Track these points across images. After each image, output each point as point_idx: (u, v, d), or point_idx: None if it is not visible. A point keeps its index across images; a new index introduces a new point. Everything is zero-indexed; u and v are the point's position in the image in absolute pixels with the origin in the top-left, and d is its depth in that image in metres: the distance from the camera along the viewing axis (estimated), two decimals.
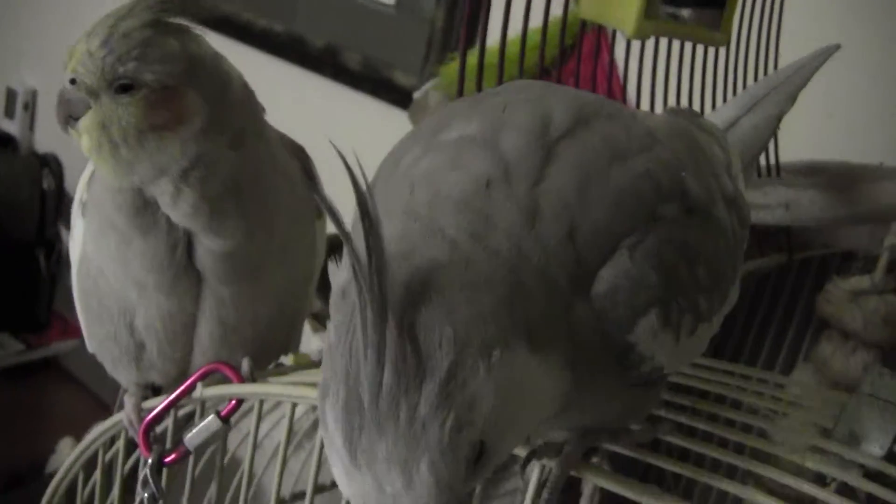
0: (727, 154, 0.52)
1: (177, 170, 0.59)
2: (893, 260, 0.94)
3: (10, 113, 2.47)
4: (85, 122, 0.58)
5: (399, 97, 1.80)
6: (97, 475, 0.74)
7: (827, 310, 0.95)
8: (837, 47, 0.75)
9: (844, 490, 0.48)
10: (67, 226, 2.49)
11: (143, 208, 0.60)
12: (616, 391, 0.44)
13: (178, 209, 0.60)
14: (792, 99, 0.64)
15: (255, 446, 0.61)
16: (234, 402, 0.61)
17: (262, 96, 0.65)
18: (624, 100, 0.95)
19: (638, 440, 0.48)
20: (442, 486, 0.35)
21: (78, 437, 1.14)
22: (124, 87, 0.57)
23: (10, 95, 2.48)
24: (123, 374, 0.69)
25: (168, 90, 0.58)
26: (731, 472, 0.50)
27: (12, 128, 2.40)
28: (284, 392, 0.59)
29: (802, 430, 0.52)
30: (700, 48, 0.93)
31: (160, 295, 0.63)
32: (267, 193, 0.63)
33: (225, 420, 0.61)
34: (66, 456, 1.13)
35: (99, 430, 0.72)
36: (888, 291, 0.93)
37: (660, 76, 0.93)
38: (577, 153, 0.41)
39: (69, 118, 0.59)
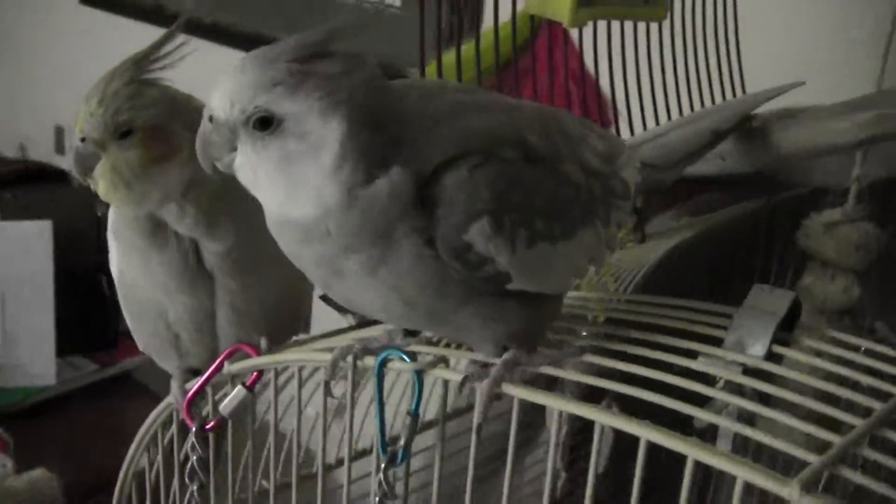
0: (613, 148, 0.67)
1: (178, 192, 0.73)
2: (861, 190, 1.04)
3: (60, 149, 2.66)
4: (99, 169, 0.73)
5: None
6: (159, 455, 0.88)
7: (805, 243, 1.06)
8: (802, 83, 0.87)
9: (734, 388, 0.60)
10: None
11: (156, 228, 0.76)
12: (486, 304, 0.58)
13: (184, 223, 0.75)
14: (733, 119, 0.80)
15: (276, 408, 0.75)
16: (255, 373, 0.75)
17: None
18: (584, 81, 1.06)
19: (553, 361, 0.60)
20: (227, 92, 0.55)
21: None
22: (124, 134, 0.72)
23: (59, 133, 2.68)
24: (169, 363, 0.83)
25: (158, 129, 0.73)
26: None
27: (64, 163, 2.58)
28: (293, 358, 0.72)
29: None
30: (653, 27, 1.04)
31: (183, 295, 0.78)
32: (250, 199, 0.77)
33: (249, 389, 0.75)
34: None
35: (154, 413, 0.86)
36: (860, 219, 1.03)
37: (617, 56, 1.04)
38: (458, 98, 0.61)
39: (87, 170, 0.73)
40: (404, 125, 0.56)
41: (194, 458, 0.77)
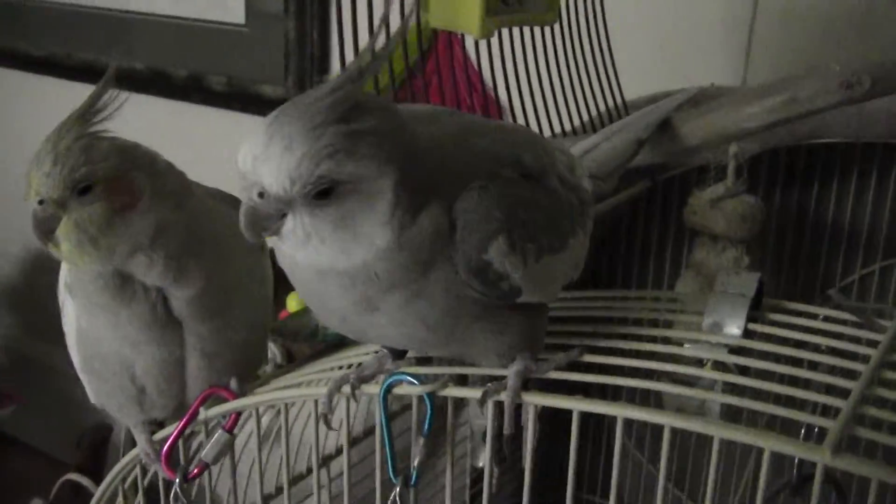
0: (571, 160, 0.71)
1: (146, 241, 0.72)
2: (740, 165, 1.11)
3: None
4: (62, 230, 0.70)
5: (270, 108, 1.91)
6: None
7: (693, 219, 1.12)
8: (711, 85, 0.92)
9: (718, 366, 0.64)
10: None
11: (122, 284, 0.73)
12: (494, 318, 0.61)
13: (153, 273, 0.73)
14: (649, 128, 0.84)
15: (260, 449, 0.75)
16: (234, 415, 0.74)
17: (138, 134, 0.75)
18: (483, 89, 1.10)
19: (559, 366, 0.63)
20: (284, 169, 0.53)
21: (45, 497, 1.20)
22: (84, 189, 0.70)
23: None
24: (130, 417, 0.81)
25: (116, 178, 0.71)
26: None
27: None
28: (275, 397, 0.72)
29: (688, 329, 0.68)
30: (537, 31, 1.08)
31: (152, 347, 0.76)
32: (213, 240, 0.76)
33: (229, 432, 0.74)
34: None
35: (116, 469, 0.84)
36: (741, 193, 1.11)
37: (509, 61, 1.07)
38: (454, 121, 0.64)
39: (48, 233, 0.70)
40: (427, 158, 0.58)
41: None
